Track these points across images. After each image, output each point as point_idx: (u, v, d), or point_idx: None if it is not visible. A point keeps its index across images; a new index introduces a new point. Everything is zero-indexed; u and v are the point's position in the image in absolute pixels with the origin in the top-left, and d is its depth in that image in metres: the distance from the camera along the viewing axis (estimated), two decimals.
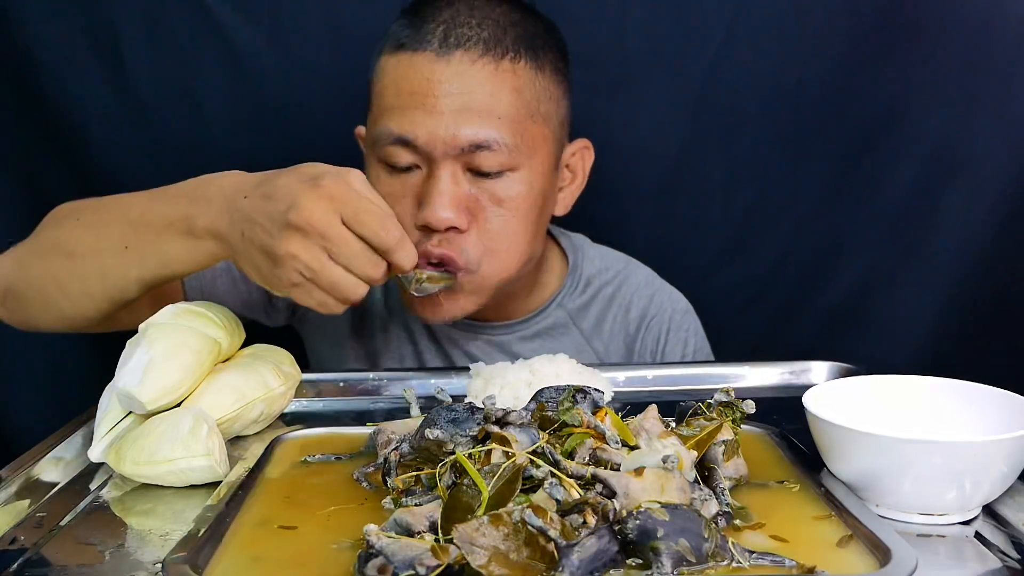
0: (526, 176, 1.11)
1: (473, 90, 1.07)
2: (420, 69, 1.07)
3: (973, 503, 0.76)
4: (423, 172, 1.09)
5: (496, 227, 1.10)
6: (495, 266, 1.12)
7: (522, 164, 1.10)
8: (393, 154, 1.09)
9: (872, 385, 0.88)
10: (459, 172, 1.08)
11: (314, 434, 0.96)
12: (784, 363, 1.15)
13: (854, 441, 0.76)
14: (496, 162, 1.08)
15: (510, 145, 1.08)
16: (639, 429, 0.77)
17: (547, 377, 1.00)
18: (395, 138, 1.08)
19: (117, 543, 0.74)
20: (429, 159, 1.08)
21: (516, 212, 1.11)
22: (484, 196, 1.09)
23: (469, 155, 1.07)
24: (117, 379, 0.91)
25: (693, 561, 0.64)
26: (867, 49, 1.45)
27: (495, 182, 1.09)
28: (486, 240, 1.10)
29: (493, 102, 1.07)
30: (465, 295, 1.12)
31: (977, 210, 1.45)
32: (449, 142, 1.06)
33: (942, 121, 1.45)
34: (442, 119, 1.06)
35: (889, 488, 0.75)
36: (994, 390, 0.82)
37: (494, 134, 1.07)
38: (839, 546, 0.70)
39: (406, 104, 1.07)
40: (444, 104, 1.06)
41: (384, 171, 1.11)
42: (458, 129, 1.06)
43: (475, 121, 1.06)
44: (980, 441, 0.74)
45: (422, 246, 1.06)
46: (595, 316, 1.30)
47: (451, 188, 1.07)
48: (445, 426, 0.80)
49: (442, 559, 0.61)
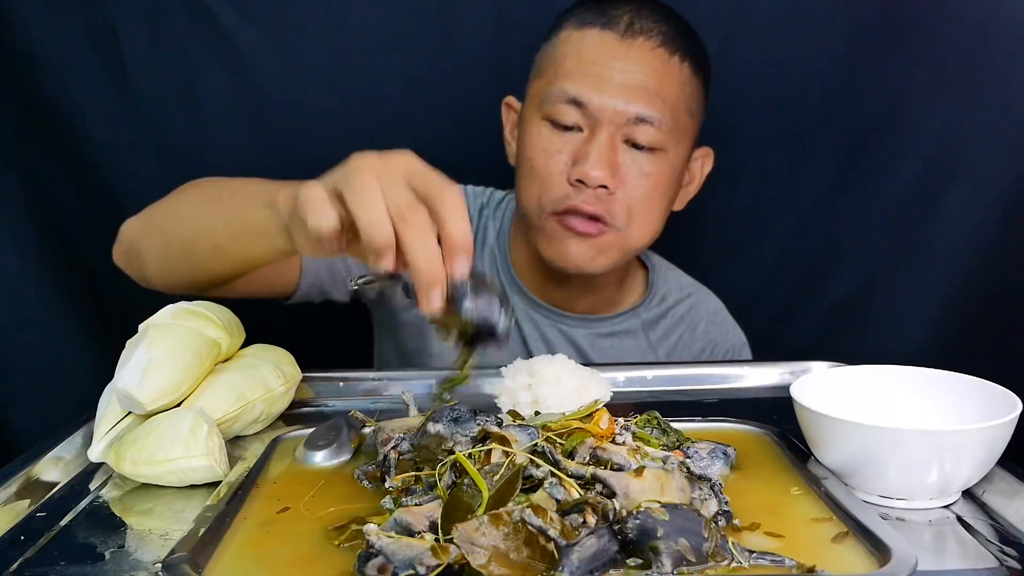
0: (671, 158, 1.22)
1: (647, 72, 1.18)
2: (604, 44, 1.18)
3: (954, 488, 0.79)
4: (584, 135, 1.19)
5: (639, 196, 1.20)
6: (634, 231, 1.22)
7: (670, 147, 1.21)
8: (562, 112, 1.18)
9: (859, 375, 0.91)
10: (617, 141, 1.18)
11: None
12: (784, 363, 1.15)
13: (839, 430, 0.78)
14: (652, 138, 1.18)
15: (667, 127, 1.19)
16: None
17: (547, 378, 1.00)
18: (569, 98, 1.18)
19: (117, 543, 0.74)
20: (594, 123, 1.18)
21: (657, 188, 1.21)
22: (634, 167, 1.19)
23: (631, 127, 1.17)
24: (117, 379, 0.91)
25: (693, 561, 0.64)
26: (867, 49, 1.45)
27: (646, 156, 1.19)
28: (631, 206, 1.20)
29: (661, 87, 1.18)
30: (609, 250, 1.22)
31: (977, 210, 1.45)
32: (618, 110, 1.17)
33: (942, 121, 1.45)
34: (616, 89, 1.17)
35: (873, 474, 0.78)
36: (975, 380, 0.85)
37: (656, 113, 1.18)
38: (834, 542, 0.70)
39: (586, 71, 1.18)
40: (620, 77, 1.17)
41: (547, 128, 1.20)
42: (628, 101, 1.17)
43: (643, 98, 1.17)
44: (960, 429, 0.77)
45: (572, 201, 1.18)
46: (664, 330, 1.38)
47: (608, 152, 1.17)
48: (447, 424, 0.80)
49: (442, 559, 0.61)
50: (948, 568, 0.70)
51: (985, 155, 1.44)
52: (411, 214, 0.74)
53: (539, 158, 1.20)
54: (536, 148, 1.20)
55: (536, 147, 1.20)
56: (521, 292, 1.34)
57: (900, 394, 0.88)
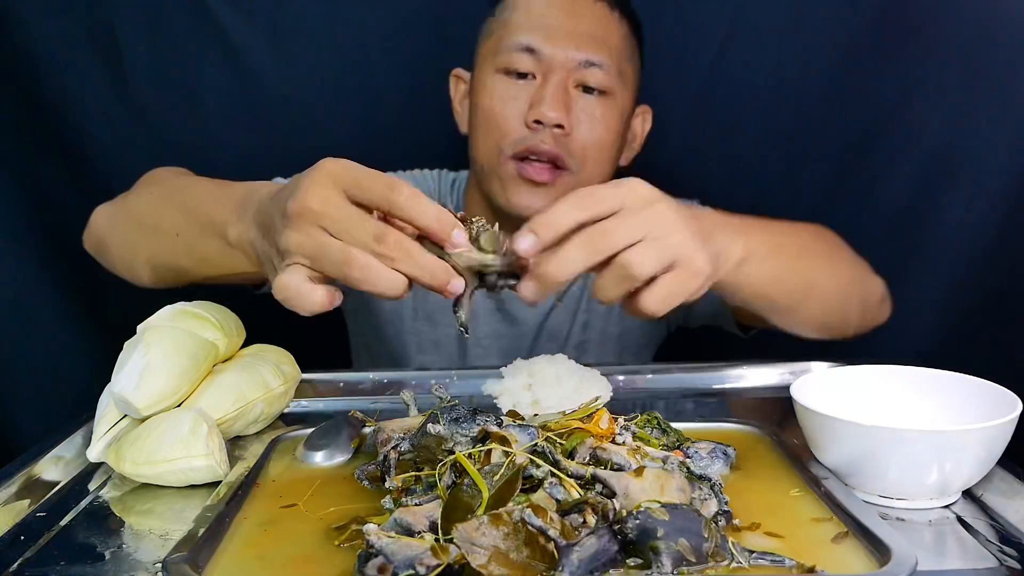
0: (618, 102, 1.28)
1: (592, 21, 1.26)
2: None
3: (954, 488, 0.79)
4: (537, 82, 1.24)
5: (593, 137, 1.26)
6: (588, 173, 1.26)
7: (617, 92, 1.27)
8: (516, 60, 1.24)
9: (859, 375, 0.91)
10: (569, 85, 1.24)
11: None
12: (784, 363, 1.15)
13: (839, 430, 0.78)
14: (600, 80, 1.24)
15: (614, 72, 1.26)
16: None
17: (547, 378, 1.00)
18: (523, 46, 1.24)
19: (117, 543, 0.74)
20: (547, 69, 1.23)
21: (608, 130, 1.27)
22: (587, 109, 1.25)
23: (581, 71, 1.24)
24: (113, 383, 0.90)
25: (693, 561, 0.64)
26: (867, 49, 1.45)
27: (596, 100, 1.25)
28: (584, 146, 1.25)
29: (607, 35, 1.26)
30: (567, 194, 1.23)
31: (977, 210, 1.44)
32: (569, 55, 1.23)
33: (942, 121, 1.45)
34: (566, 36, 1.24)
35: (873, 474, 0.78)
36: (976, 380, 0.85)
37: (604, 58, 1.24)
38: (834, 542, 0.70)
39: (536, 22, 1.25)
40: (569, 26, 1.24)
41: (502, 78, 1.26)
42: (578, 47, 1.23)
43: (591, 44, 1.24)
44: (960, 429, 0.77)
45: (530, 142, 1.22)
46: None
47: (563, 94, 1.23)
48: (447, 424, 0.80)
49: (442, 559, 0.61)
50: (948, 568, 0.70)
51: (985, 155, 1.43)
52: (381, 246, 0.76)
53: (497, 105, 1.25)
54: (494, 97, 1.25)
55: (494, 96, 1.25)
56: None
57: (900, 394, 0.88)
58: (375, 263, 0.76)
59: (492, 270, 0.80)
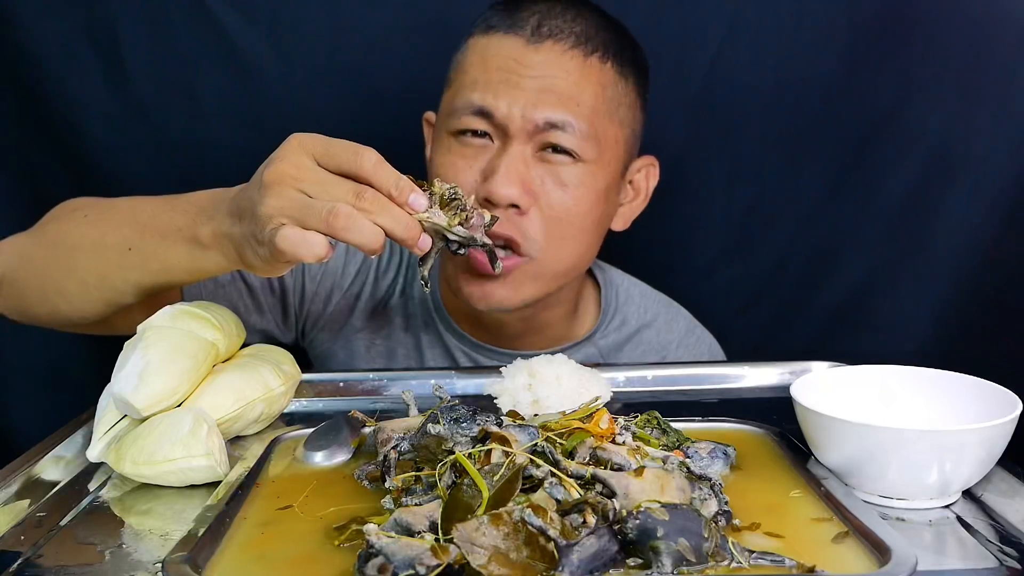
0: (594, 170, 1.11)
1: (558, 75, 1.09)
2: (509, 50, 1.10)
3: (954, 488, 0.79)
4: (494, 148, 1.10)
5: (558, 213, 1.10)
6: (553, 254, 1.12)
7: (592, 157, 1.11)
8: (468, 124, 1.10)
9: (859, 375, 0.91)
10: (529, 155, 1.09)
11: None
12: (784, 363, 1.15)
13: (839, 430, 0.78)
14: (569, 143, 1.09)
15: (585, 133, 1.09)
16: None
17: (547, 378, 1.00)
18: (475, 108, 1.10)
19: (117, 543, 0.74)
20: (504, 133, 1.09)
21: (579, 202, 1.11)
22: (550, 179, 1.10)
23: (543, 133, 1.09)
24: (113, 383, 0.90)
25: (693, 561, 0.64)
26: (867, 49, 1.45)
27: (563, 167, 1.10)
28: (548, 226, 1.10)
29: (576, 90, 1.09)
30: (527, 282, 1.13)
31: (977, 210, 1.45)
32: (527, 117, 1.08)
33: (942, 121, 1.45)
34: (523, 95, 1.08)
35: (873, 474, 0.78)
36: (976, 380, 0.85)
37: (571, 118, 1.08)
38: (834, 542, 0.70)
39: (491, 79, 1.10)
40: (527, 83, 1.08)
41: (456, 143, 1.12)
42: (537, 106, 1.08)
43: (555, 103, 1.08)
44: (960, 429, 0.77)
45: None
46: (629, 358, 1.29)
47: (519, 166, 1.08)
48: (448, 424, 0.80)
49: (442, 559, 0.61)
50: (948, 568, 0.70)
51: (985, 155, 1.44)
52: (361, 200, 0.80)
53: (448, 174, 1.10)
54: (444, 166, 1.11)
55: (444, 165, 1.11)
56: (457, 335, 1.25)
57: (900, 394, 0.88)
58: (357, 214, 0.80)
59: (453, 237, 0.85)
